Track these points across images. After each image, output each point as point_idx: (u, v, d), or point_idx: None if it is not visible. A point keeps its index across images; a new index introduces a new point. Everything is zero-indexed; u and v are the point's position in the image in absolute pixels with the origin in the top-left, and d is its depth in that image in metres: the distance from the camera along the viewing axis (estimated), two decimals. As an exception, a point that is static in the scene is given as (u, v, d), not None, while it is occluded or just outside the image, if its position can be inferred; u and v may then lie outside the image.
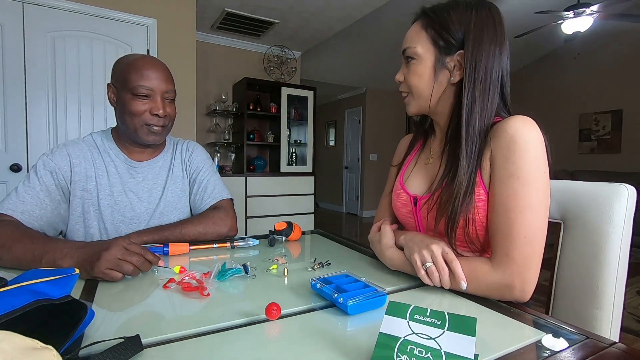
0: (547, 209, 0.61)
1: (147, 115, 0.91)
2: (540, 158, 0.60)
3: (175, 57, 2.65)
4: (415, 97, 0.75)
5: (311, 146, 4.15)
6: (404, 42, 0.74)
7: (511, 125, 0.62)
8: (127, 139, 0.98)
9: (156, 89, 0.91)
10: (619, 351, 0.43)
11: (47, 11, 2.23)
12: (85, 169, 0.93)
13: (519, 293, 0.58)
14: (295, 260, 0.82)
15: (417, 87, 0.73)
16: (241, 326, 0.47)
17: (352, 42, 4.46)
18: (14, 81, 2.16)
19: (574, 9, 3.12)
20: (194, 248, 0.87)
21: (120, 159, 0.98)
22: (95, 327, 0.45)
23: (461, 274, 0.59)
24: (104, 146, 0.98)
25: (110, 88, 0.94)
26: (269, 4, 3.14)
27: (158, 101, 0.91)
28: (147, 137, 0.94)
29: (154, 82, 0.90)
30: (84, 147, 0.96)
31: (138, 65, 0.90)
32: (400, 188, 0.82)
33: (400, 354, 0.35)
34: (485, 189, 0.65)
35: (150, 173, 1.01)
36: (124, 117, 0.92)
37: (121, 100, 0.91)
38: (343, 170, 7.07)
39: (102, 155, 0.97)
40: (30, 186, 0.86)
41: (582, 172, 4.76)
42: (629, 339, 1.97)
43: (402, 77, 0.76)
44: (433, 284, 0.61)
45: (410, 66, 0.73)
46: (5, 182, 2.18)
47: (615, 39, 4.73)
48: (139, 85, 0.88)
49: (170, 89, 0.95)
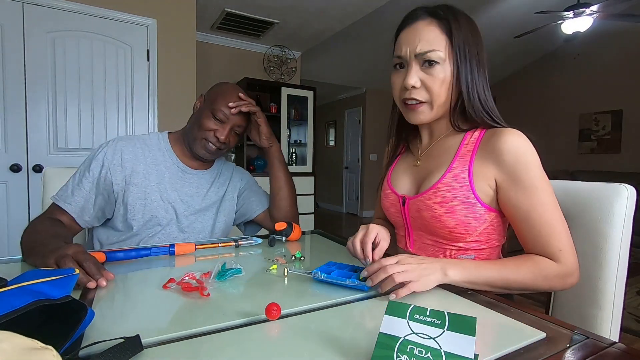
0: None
1: (211, 135, 1.00)
2: (540, 164, 0.67)
3: (175, 57, 2.65)
4: (435, 106, 0.73)
5: (311, 146, 4.15)
6: (421, 44, 0.70)
7: (511, 145, 0.66)
8: (185, 144, 1.06)
9: (230, 120, 1.01)
10: (619, 351, 0.43)
11: (47, 11, 2.23)
12: (135, 164, 1.00)
13: (576, 278, 0.65)
14: (295, 260, 0.82)
15: (440, 95, 0.71)
16: (241, 326, 0.47)
17: (352, 42, 4.46)
18: (14, 81, 2.16)
19: (574, 9, 3.13)
20: (200, 247, 0.88)
21: (172, 161, 1.05)
22: (95, 327, 0.45)
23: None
24: (159, 145, 1.06)
25: (200, 98, 1.07)
26: (269, 4, 3.14)
27: (226, 129, 1.01)
28: (200, 151, 1.02)
29: (232, 114, 1.01)
30: (137, 144, 1.03)
31: (228, 95, 1.01)
32: (388, 188, 0.85)
33: (400, 353, 0.35)
34: (477, 197, 0.69)
35: (196, 181, 1.08)
36: (195, 125, 1.02)
37: (201, 112, 1.02)
38: (343, 170, 7.07)
39: (154, 154, 1.04)
40: (80, 177, 0.97)
41: (582, 172, 4.76)
42: (629, 339, 1.97)
43: (418, 81, 0.71)
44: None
45: (432, 71, 0.70)
46: (5, 182, 2.18)
47: (615, 39, 4.73)
48: (220, 109, 0.99)
49: (242, 125, 1.05)
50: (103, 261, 0.74)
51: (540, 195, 0.65)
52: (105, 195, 0.98)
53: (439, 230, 0.74)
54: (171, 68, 2.64)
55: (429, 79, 0.70)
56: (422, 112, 0.74)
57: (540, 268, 0.64)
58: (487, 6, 3.99)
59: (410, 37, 0.71)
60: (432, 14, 0.71)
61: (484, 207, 0.70)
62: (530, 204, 0.66)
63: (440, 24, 0.70)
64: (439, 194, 0.72)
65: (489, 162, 0.69)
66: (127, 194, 0.98)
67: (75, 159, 2.34)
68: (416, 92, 0.72)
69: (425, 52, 0.69)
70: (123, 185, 0.98)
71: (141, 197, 0.99)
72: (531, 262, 0.65)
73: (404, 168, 0.86)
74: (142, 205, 0.99)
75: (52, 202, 0.96)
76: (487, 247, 0.74)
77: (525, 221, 0.67)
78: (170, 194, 1.02)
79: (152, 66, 2.55)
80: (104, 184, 0.97)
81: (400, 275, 0.56)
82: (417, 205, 0.76)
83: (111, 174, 0.97)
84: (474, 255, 0.74)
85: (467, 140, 0.74)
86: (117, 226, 1.00)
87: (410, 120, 0.77)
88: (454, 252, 0.75)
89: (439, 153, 0.78)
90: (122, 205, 0.98)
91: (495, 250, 0.77)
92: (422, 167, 0.80)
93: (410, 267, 0.58)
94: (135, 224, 0.98)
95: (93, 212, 0.97)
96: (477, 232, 0.72)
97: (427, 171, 0.78)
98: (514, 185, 0.67)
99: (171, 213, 1.02)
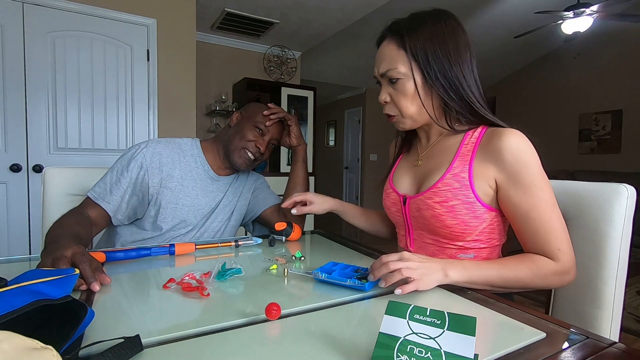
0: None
1: (252, 144, 1.06)
2: (539, 164, 0.68)
3: (175, 57, 2.65)
4: (407, 117, 0.77)
5: (311, 146, 4.15)
6: (383, 65, 0.75)
7: (511, 144, 0.67)
8: (219, 153, 1.11)
9: (270, 132, 1.09)
10: (619, 351, 0.43)
11: (47, 11, 2.23)
12: (171, 169, 1.03)
13: (573, 276, 0.66)
14: (295, 260, 0.82)
15: (408, 107, 0.75)
16: (241, 326, 0.47)
17: (352, 42, 4.46)
18: (14, 81, 2.16)
19: (574, 9, 3.13)
20: (200, 247, 0.88)
21: (204, 168, 1.09)
22: (95, 327, 0.45)
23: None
24: (192, 152, 1.10)
25: (236, 114, 1.12)
26: (269, 4, 3.14)
27: (266, 141, 1.08)
28: (238, 160, 1.07)
29: (271, 128, 1.09)
30: (173, 148, 1.06)
31: (265, 110, 1.09)
32: (390, 187, 0.86)
33: (400, 353, 0.35)
34: (477, 196, 0.70)
35: (222, 187, 1.13)
36: (235, 136, 1.07)
37: (240, 125, 1.08)
38: (343, 170, 7.07)
39: (188, 159, 1.08)
40: (118, 176, 0.98)
41: (582, 172, 4.76)
42: (629, 339, 1.97)
43: (387, 97, 0.77)
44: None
45: (397, 86, 0.74)
46: (5, 182, 2.18)
47: (615, 39, 4.73)
48: (262, 122, 1.07)
49: (278, 138, 1.13)
50: (103, 261, 0.74)
51: (539, 195, 0.66)
52: (140, 196, 1.00)
53: (439, 229, 0.74)
54: (171, 68, 2.64)
55: (395, 94, 0.76)
56: (398, 123, 0.80)
57: (538, 267, 0.65)
58: (487, 6, 3.99)
59: (377, 59, 0.77)
60: (390, 31, 0.75)
61: (484, 207, 0.71)
62: (529, 203, 0.66)
63: (396, 40, 0.74)
64: (439, 193, 0.72)
65: (489, 162, 0.69)
66: (161, 197, 1.01)
67: (75, 159, 2.34)
68: (388, 108, 0.79)
69: (387, 72, 0.75)
70: (158, 188, 1.01)
71: (173, 202, 1.02)
72: (529, 261, 0.66)
73: (405, 167, 0.87)
74: (173, 209, 1.01)
75: (87, 197, 0.97)
76: (487, 246, 0.75)
77: (525, 220, 0.67)
78: (201, 200, 1.07)
79: (152, 66, 2.55)
80: (141, 185, 0.99)
81: (404, 270, 0.58)
82: (417, 205, 0.77)
83: (148, 176, 0.99)
84: (474, 254, 0.75)
85: (467, 140, 0.75)
86: (144, 226, 1.02)
87: (397, 128, 0.82)
88: (454, 251, 0.75)
89: (440, 153, 0.79)
90: (154, 208, 1.01)
91: (495, 250, 0.77)
92: (422, 166, 0.81)
93: (413, 265, 0.59)
94: (165, 226, 1.01)
95: (126, 211, 0.99)
96: (477, 232, 0.72)
97: (427, 171, 0.79)
98: (513, 185, 0.67)
99: (198, 218, 1.06)
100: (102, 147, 2.42)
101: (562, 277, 0.65)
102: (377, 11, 3.31)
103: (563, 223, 0.67)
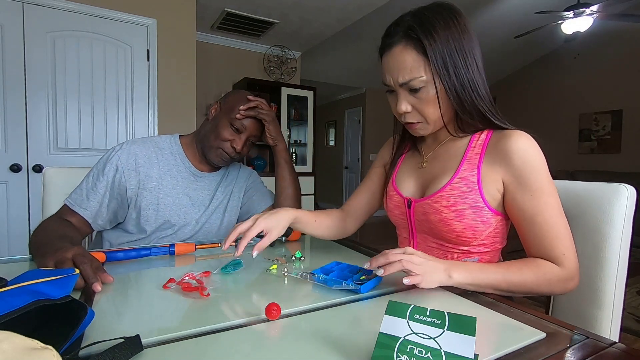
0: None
1: (227, 145, 1.00)
2: (547, 168, 0.67)
3: (175, 57, 2.65)
4: (431, 122, 0.73)
5: (311, 146, 4.15)
6: (402, 74, 0.68)
7: (520, 147, 0.66)
8: (198, 149, 1.06)
9: (247, 130, 1.01)
10: (619, 351, 0.43)
11: (47, 11, 2.23)
12: (149, 169, 0.99)
13: (577, 282, 0.65)
14: (295, 260, 0.82)
15: (434, 112, 0.71)
16: (241, 326, 0.47)
17: (352, 42, 4.46)
18: (14, 81, 2.16)
19: (574, 9, 3.13)
20: (200, 247, 0.88)
21: (184, 165, 1.05)
22: (95, 327, 0.45)
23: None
24: (171, 149, 1.05)
25: (216, 105, 1.05)
26: (269, 4, 3.14)
27: (242, 139, 1.01)
28: (215, 159, 1.02)
29: (249, 124, 1.01)
30: (150, 148, 1.02)
31: (243, 103, 1.00)
32: (393, 190, 0.83)
33: (400, 354, 0.35)
34: (485, 201, 0.69)
35: (207, 184, 1.09)
36: (211, 133, 1.01)
37: (217, 120, 1.01)
38: (343, 170, 7.07)
39: (167, 157, 1.04)
40: (94, 181, 0.95)
41: (582, 172, 4.76)
42: (629, 339, 1.97)
43: (409, 107, 0.71)
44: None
45: (420, 95, 0.69)
46: (5, 182, 2.18)
47: (615, 39, 4.73)
48: (238, 119, 0.99)
49: (257, 135, 1.05)
50: (103, 261, 0.74)
51: (546, 200, 0.65)
52: (119, 199, 0.97)
53: (445, 234, 0.73)
54: (171, 68, 2.64)
55: (418, 103, 0.71)
56: (421, 129, 0.75)
57: (543, 272, 0.64)
58: (487, 6, 3.99)
59: (391, 66, 0.70)
60: (406, 36, 0.68)
61: (491, 211, 0.70)
62: (536, 207, 0.66)
63: (415, 45, 0.67)
64: (447, 197, 0.71)
65: (497, 165, 0.68)
66: (140, 199, 0.97)
67: (75, 159, 2.34)
68: (409, 116, 0.73)
69: (408, 82, 0.68)
70: (136, 189, 0.97)
71: (154, 202, 0.99)
72: (534, 265, 0.65)
73: (409, 169, 0.84)
74: (155, 210, 0.99)
75: (64, 204, 0.94)
76: (490, 250, 0.74)
77: (531, 224, 0.67)
78: (182, 198, 1.03)
79: (152, 66, 2.55)
80: (118, 188, 0.96)
81: (405, 262, 0.58)
82: (423, 209, 0.75)
83: (125, 179, 0.96)
84: (478, 258, 0.74)
85: (474, 143, 0.73)
86: (129, 229, 1.00)
87: (413, 134, 0.78)
88: (458, 256, 0.74)
89: (446, 155, 0.77)
90: (135, 210, 0.98)
91: (497, 253, 0.77)
92: (428, 169, 0.79)
93: (417, 260, 0.59)
94: (149, 227, 0.99)
95: (106, 216, 0.96)
96: (482, 236, 0.71)
97: (433, 174, 0.77)
98: (520, 188, 0.67)
99: (183, 217, 1.03)
100: (102, 147, 2.42)
101: (566, 283, 0.64)
102: (377, 11, 3.31)
103: (568, 229, 0.66)
